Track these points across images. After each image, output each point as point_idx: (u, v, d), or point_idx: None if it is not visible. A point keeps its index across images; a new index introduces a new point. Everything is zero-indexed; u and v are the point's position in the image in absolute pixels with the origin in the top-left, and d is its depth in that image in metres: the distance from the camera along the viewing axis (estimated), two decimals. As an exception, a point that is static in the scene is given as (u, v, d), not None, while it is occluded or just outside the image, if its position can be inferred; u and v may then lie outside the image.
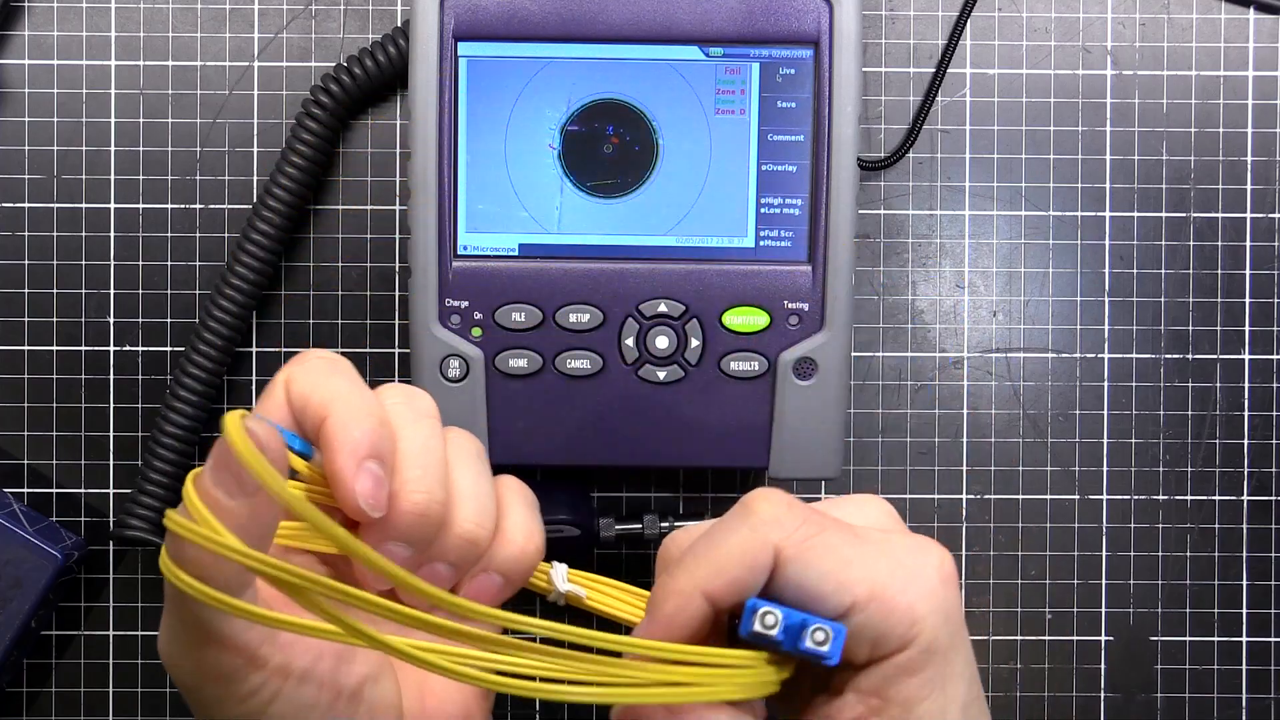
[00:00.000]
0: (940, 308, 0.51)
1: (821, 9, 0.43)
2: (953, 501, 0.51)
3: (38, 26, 0.50)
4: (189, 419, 0.49)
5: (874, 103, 0.51)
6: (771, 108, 0.44)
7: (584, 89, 0.44)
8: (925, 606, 0.33)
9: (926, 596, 0.34)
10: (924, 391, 0.51)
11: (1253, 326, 0.51)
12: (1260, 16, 0.51)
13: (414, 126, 0.44)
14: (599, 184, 0.45)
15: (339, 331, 0.51)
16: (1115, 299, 0.51)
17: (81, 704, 0.51)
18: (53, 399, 0.50)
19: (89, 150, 0.50)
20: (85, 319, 0.50)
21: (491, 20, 0.44)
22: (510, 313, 0.44)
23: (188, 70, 0.50)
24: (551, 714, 0.51)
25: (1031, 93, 0.51)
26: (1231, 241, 0.51)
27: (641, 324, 0.44)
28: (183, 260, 0.50)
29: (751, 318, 0.44)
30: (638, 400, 0.45)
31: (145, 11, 0.50)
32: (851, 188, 0.44)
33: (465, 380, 0.45)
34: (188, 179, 0.50)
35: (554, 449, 0.45)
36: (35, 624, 0.48)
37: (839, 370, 0.45)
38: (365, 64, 0.48)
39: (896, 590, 0.33)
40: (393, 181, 0.51)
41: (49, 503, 0.51)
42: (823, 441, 0.45)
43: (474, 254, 0.45)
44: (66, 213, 0.50)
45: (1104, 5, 0.51)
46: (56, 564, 0.47)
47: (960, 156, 0.51)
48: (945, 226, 0.51)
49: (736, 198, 0.44)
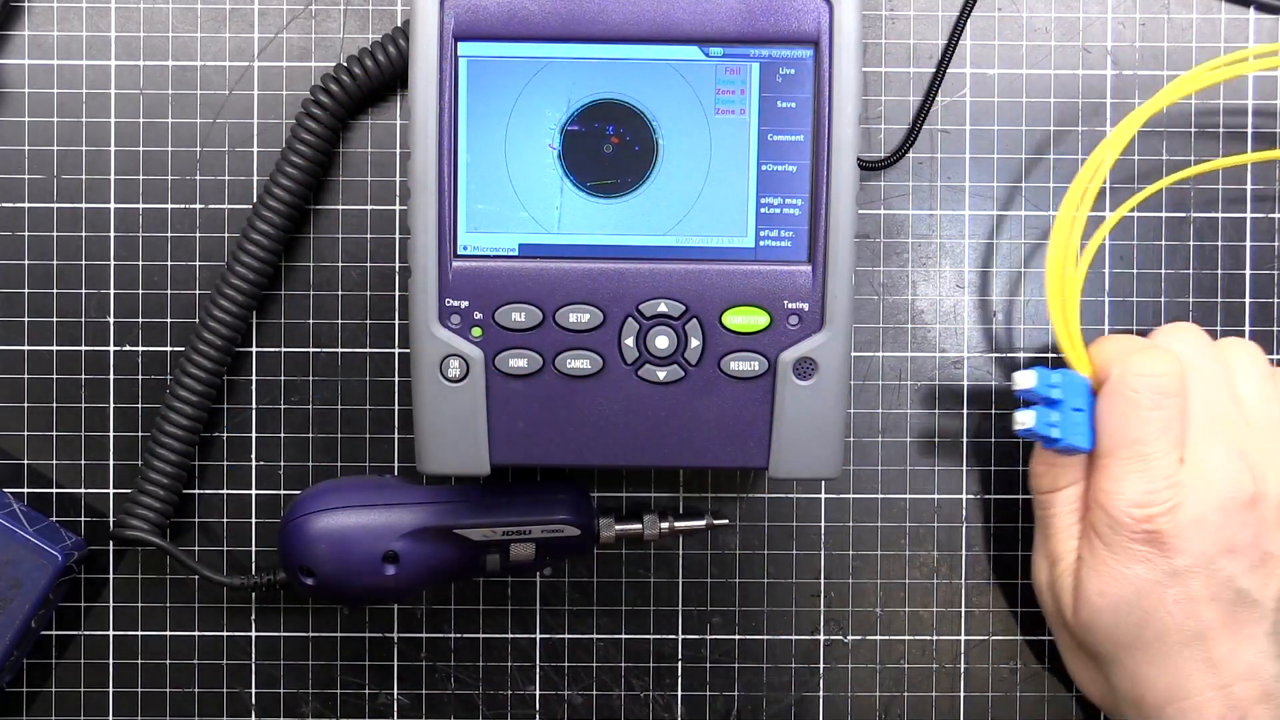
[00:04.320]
0: (940, 308, 0.51)
1: (821, 9, 0.43)
2: (953, 501, 0.51)
3: (38, 26, 0.50)
4: (189, 419, 0.49)
5: (874, 103, 0.51)
6: (771, 108, 0.44)
7: (584, 89, 0.44)
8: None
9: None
10: (924, 391, 0.51)
11: (1253, 326, 0.51)
12: (1260, 16, 0.51)
13: (414, 126, 0.44)
14: (599, 184, 0.45)
15: (339, 331, 0.51)
16: (1115, 299, 0.51)
17: (81, 704, 0.51)
18: (53, 399, 0.50)
19: (89, 150, 0.50)
20: (85, 319, 0.50)
21: (491, 20, 0.44)
22: (510, 313, 0.44)
23: (188, 70, 0.50)
24: (551, 713, 0.51)
25: (1031, 93, 0.51)
26: (1231, 241, 0.51)
27: (641, 324, 0.44)
28: (183, 260, 0.50)
29: (751, 318, 0.44)
30: (638, 400, 0.45)
31: (145, 11, 0.50)
32: (851, 188, 0.44)
33: (465, 380, 0.44)
34: (188, 179, 0.50)
35: (554, 449, 0.45)
36: (35, 624, 0.48)
37: (839, 370, 0.45)
38: (365, 64, 0.48)
39: None
40: (393, 181, 0.51)
41: (49, 503, 0.51)
42: (823, 441, 0.45)
43: (474, 254, 0.45)
44: (66, 213, 0.50)
45: (1104, 5, 0.51)
46: (56, 564, 0.47)
47: (960, 156, 0.51)
48: (945, 226, 0.51)
49: (736, 198, 0.44)
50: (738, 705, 0.51)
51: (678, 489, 0.51)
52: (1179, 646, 0.44)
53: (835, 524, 0.51)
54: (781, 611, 0.52)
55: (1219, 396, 0.45)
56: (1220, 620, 0.44)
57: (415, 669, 0.51)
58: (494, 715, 0.51)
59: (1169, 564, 0.44)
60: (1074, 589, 0.47)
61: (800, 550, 0.51)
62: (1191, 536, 0.44)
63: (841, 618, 0.52)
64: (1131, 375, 0.45)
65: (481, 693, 0.51)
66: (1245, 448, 0.45)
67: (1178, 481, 0.44)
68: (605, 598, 0.51)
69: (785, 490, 0.51)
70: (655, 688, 0.51)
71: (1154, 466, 0.44)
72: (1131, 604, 0.45)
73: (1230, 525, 0.44)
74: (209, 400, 0.49)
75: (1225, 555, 0.44)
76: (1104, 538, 0.45)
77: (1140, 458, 0.44)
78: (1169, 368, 0.45)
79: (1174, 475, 0.44)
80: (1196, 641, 0.44)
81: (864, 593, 0.52)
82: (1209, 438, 0.45)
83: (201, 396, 0.49)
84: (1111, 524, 0.45)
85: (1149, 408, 0.44)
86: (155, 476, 0.48)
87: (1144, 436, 0.44)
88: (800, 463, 0.45)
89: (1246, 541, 0.44)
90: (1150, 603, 0.44)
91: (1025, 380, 0.46)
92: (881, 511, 0.51)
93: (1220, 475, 0.44)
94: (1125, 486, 0.44)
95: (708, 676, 0.51)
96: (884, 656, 0.52)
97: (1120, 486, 0.44)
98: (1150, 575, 0.44)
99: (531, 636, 0.51)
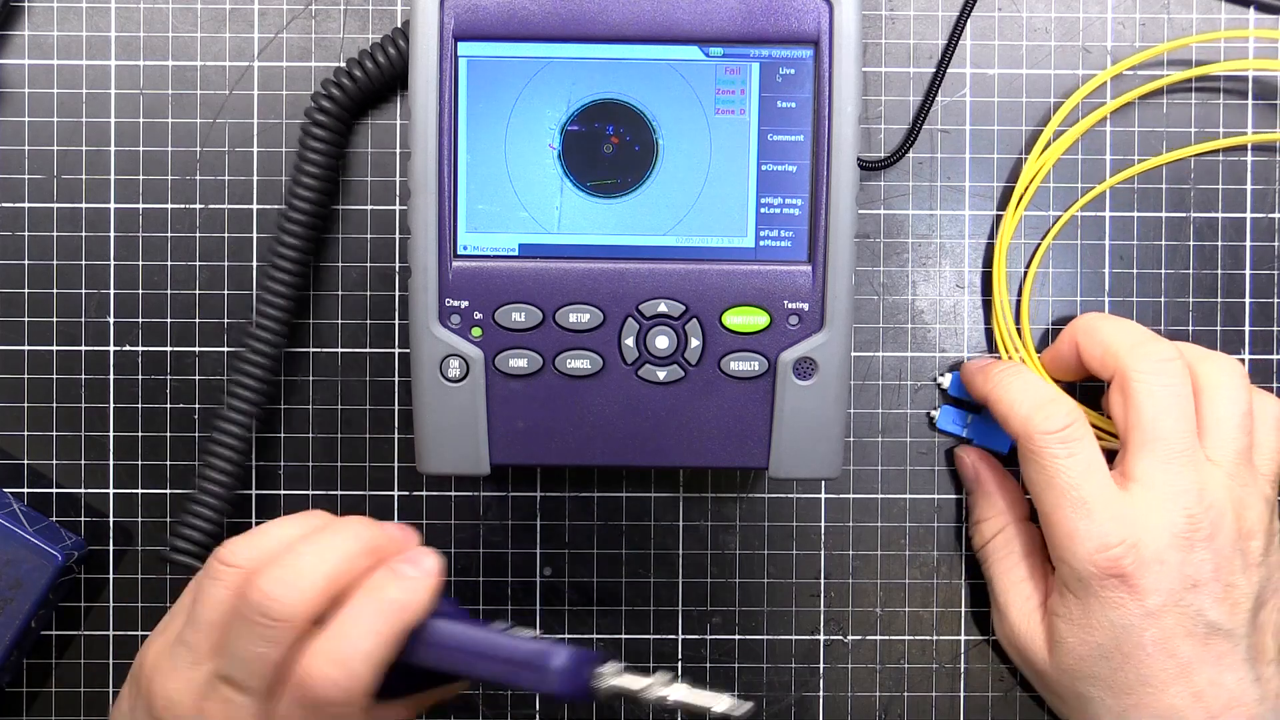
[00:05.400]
0: (940, 308, 0.51)
1: (821, 9, 0.43)
2: (953, 502, 0.51)
3: (38, 26, 0.50)
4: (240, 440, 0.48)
5: (874, 103, 0.51)
6: (771, 108, 0.44)
7: (584, 89, 0.44)
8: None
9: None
10: (924, 391, 0.51)
11: (1253, 326, 0.51)
12: (1260, 16, 0.51)
13: (414, 126, 0.44)
14: (599, 184, 0.45)
15: (339, 331, 0.51)
16: (1115, 299, 0.51)
17: (81, 704, 0.51)
18: (53, 399, 0.50)
19: (89, 150, 0.50)
20: (85, 319, 0.50)
21: (491, 20, 0.44)
22: (510, 313, 0.44)
23: (188, 70, 0.50)
24: (551, 713, 0.51)
25: (1031, 93, 0.51)
26: (1231, 241, 0.51)
27: (641, 324, 0.44)
28: (183, 260, 0.50)
29: (751, 318, 0.44)
30: (638, 400, 0.45)
31: (145, 11, 0.50)
32: (851, 188, 0.44)
33: (465, 380, 0.44)
34: (188, 179, 0.50)
35: (554, 449, 0.45)
36: (35, 624, 0.48)
37: (839, 370, 0.45)
38: (366, 65, 0.48)
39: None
40: (393, 181, 0.51)
41: (49, 503, 0.51)
42: (823, 441, 0.45)
43: (474, 254, 0.45)
44: (66, 213, 0.50)
45: (1104, 5, 0.51)
46: (56, 564, 0.47)
47: (960, 156, 0.51)
48: (945, 226, 0.51)
49: (736, 198, 0.44)
50: (738, 705, 0.51)
51: (678, 489, 0.51)
52: (1165, 685, 0.44)
53: (835, 524, 0.51)
54: (781, 611, 0.52)
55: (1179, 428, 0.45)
56: (1197, 654, 0.44)
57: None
58: (494, 715, 0.51)
59: (1142, 606, 0.44)
60: (1047, 638, 0.47)
61: (800, 550, 0.51)
62: (1157, 574, 0.43)
63: (841, 618, 0.52)
64: (1038, 435, 0.45)
65: (481, 693, 0.51)
66: (1203, 481, 0.44)
67: (1123, 515, 0.44)
68: (605, 598, 0.51)
69: (785, 490, 0.51)
70: (655, 688, 0.51)
71: (1095, 510, 0.44)
72: (1111, 650, 0.44)
73: (1190, 562, 0.44)
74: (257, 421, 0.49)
75: (1190, 591, 0.44)
76: (1074, 590, 0.45)
77: (1079, 503, 0.44)
78: (1071, 417, 0.45)
79: (1118, 508, 0.44)
80: (1180, 678, 0.44)
81: (864, 593, 0.52)
82: (1163, 469, 0.44)
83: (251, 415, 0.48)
84: (1078, 576, 0.44)
85: (1064, 457, 0.45)
86: (206, 500, 0.48)
87: (1070, 483, 0.44)
88: (800, 463, 0.45)
89: (1208, 575, 0.44)
90: (1130, 647, 0.44)
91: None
92: (881, 511, 0.51)
93: (1171, 513, 0.44)
94: (1077, 538, 0.44)
95: (708, 676, 0.51)
96: (884, 656, 0.52)
97: (1072, 541, 0.44)
98: (1126, 620, 0.44)
99: (531, 636, 0.51)
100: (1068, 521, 0.44)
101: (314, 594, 0.39)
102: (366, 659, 0.39)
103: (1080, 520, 0.44)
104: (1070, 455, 0.45)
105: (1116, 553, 0.44)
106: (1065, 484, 0.44)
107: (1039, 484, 0.45)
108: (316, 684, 0.38)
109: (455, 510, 0.51)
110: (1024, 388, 0.46)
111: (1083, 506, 0.44)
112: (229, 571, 0.40)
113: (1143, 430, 0.45)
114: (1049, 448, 0.45)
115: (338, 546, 0.40)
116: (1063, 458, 0.45)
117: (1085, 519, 0.44)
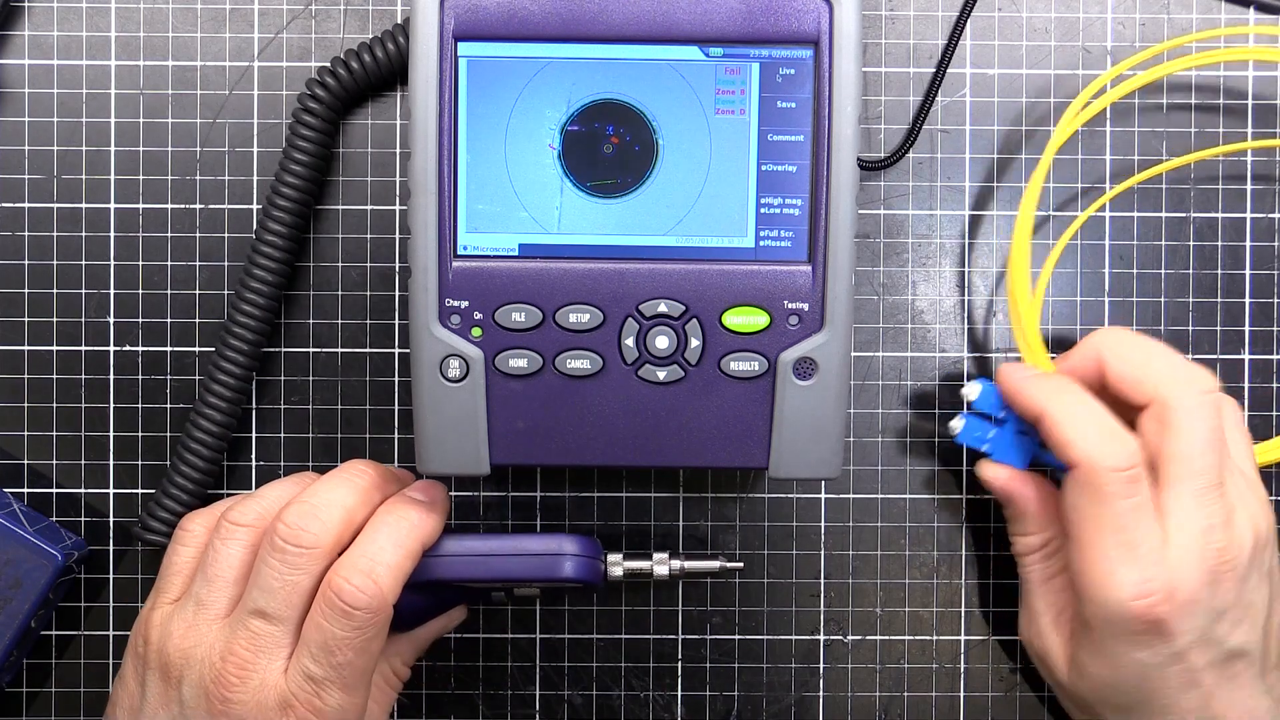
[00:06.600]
0: (940, 308, 0.51)
1: (821, 9, 0.43)
2: (952, 502, 0.51)
3: (38, 26, 0.50)
4: (217, 424, 0.48)
5: (874, 103, 0.51)
6: (771, 108, 0.44)
7: (584, 89, 0.44)
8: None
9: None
10: (924, 392, 0.51)
11: (1253, 326, 0.51)
12: (1260, 16, 0.51)
13: (414, 126, 0.44)
14: (599, 184, 0.45)
15: (339, 331, 0.51)
16: (1115, 299, 0.51)
17: (81, 704, 0.51)
18: (53, 399, 0.50)
19: (89, 150, 0.50)
20: (85, 319, 0.50)
21: (491, 20, 0.44)
22: (510, 313, 0.44)
23: (188, 70, 0.50)
24: (551, 713, 0.51)
25: (1031, 93, 0.51)
26: (1231, 241, 0.51)
27: (641, 324, 0.44)
28: (183, 260, 0.50)
29: (751, 318, 0.44)
30: (638, 400, 0.45)
31: (145, 11, 0.50)
32: (851, 188, 0.44)
33: (465, 380, 0.44)
34: (188, 179, 0.50)
35: (554, 449, 0.45)
36: (35, 624, 0.48)
37: (839, 370, 0.45)
38: (363, 58, 0.48)
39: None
40: (393, 181, 0.51)
41: (49, 503, 0.51)
42: (823, 441, 0.45)
43: (474, 254, 0.45)
44: (66, 213, 0.50)
45: (1104, 5, 0.51)
46: (56, 564, 0.47)
47: (960, 156, 0.51)
48: (945, 226, 0.51)
49: (736, 198, 0.44)
50: (738, 705, 0.51)
51: (678, 489, 0.51)
52: (1185, 714, 0.44)
53: (835, 524, 0.51)
54: (781, 611, 0.52)
55: (1216, 462, 0.44)
56: (1217, 681, 0.44)
57: (415, 669, 0.51)
58: (494, 715, 0.51)
59: (1170, 648, 0.43)
60: (1067, 658, 0.47)
61: (800, 550, 0.51)
62: (1189, 616, 0.43)
63: (841, 618, 0.52)
64: (1104, 472, 0.43)
65: (481, 693, 0.51)
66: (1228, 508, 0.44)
67: (1163, 560, 0.43)
68: (605, 598, 0.51)
69: (785, 490, 0.51)
70: (655, 688, 0.51)
71: (1140, 555, 0.43)
72: (1132, 686, 0.44)
73: (1218, 594, 0.43)
74: (238, 405, 0.49)
75: (1216, 623, 0.43)
76: (1100, 629, 0.44)
77: (1126, 545, 0.43)
78: (1137, 456, 0.43)
79: (1161, 553, 0.43)
80: (1201, 707, 0.44)
81: (864, 593, 0.52)
82: (1197, 504, 0.43)
83: (230, 401, 0.48)
84: (1108, 618, 0.43)
85: (1125, 498, 0.43)
86: (181, 481, 0.48)
87: (1123, 525, 0.43)
88: (800, 463, 0.45)
89: (1231, 601, 0.43)
90: (1153, 684, 0.44)
91: (972, 392, 0.48)
92: (881, 511, 0.51)
93: (1205, 552, 0.43)
94: (1115, 580, 0.43)
95: (708, 676, 0.51)
96: (884, 656, 0.52)
97: (1110, 580, 0.43)
98: (1153, 660, 0.43)
99: (531, 636, 0.51)
100: (1108, 560, 0.43)
101: (336, 524, 0.43)
102: (390, 569, 0.42)
103: (1121, 564, 0.43)
104: (1130, 497, 0.43)
105: (1154, 600, 0.43)
106: (1118, 524, 0.43)
107: (1086, 515, 0.44)
108: (345, 592, 0.41)
109: (455, 510, 0.51)
110: (1089, 416, 0.44)
111: (1129, 550, 0.43)
112: (241, 530, 0.44)
113: (1181, 464, 0.44)
114: (1111, 485, 0.43)
115: (351, 482, 0.44)
116: (1123, 498, 0.43)
117: (1127, 564, 0.43)
